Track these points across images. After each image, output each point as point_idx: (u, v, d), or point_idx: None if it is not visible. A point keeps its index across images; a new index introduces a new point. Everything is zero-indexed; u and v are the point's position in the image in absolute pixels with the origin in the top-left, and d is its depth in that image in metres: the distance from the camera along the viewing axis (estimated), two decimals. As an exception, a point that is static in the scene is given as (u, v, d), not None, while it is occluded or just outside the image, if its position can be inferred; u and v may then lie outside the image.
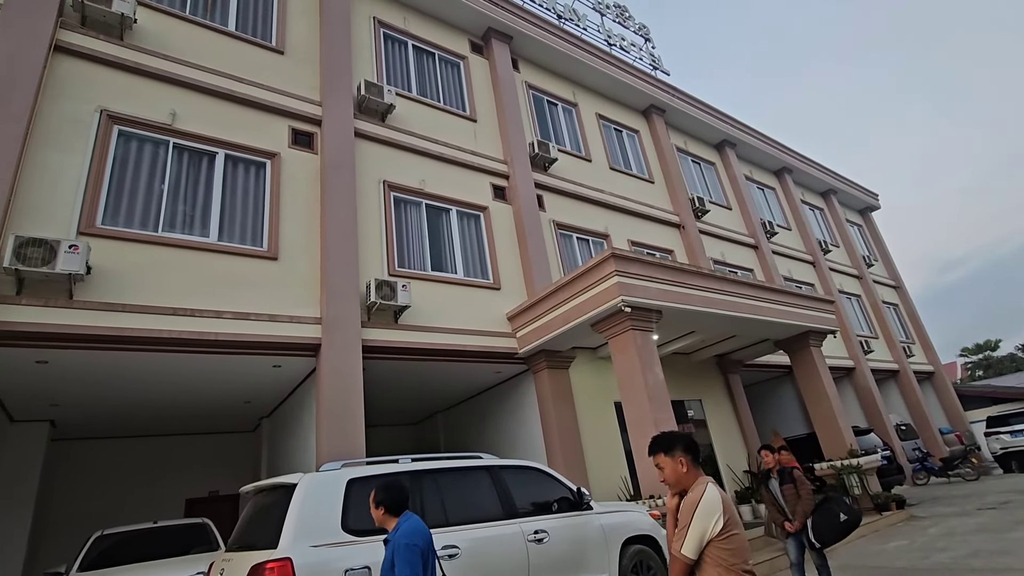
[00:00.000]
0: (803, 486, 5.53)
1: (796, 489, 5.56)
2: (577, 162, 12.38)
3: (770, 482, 5.89)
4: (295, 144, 8.20)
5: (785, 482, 5.67)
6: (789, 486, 5.62)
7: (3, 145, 5.72)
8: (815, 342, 11.26)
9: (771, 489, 5.83)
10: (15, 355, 5.78)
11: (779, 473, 5.79)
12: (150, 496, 9.79)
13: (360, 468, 4.57)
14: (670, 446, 2.57)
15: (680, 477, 2.51)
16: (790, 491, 5.59)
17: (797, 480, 5.60)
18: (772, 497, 5.81)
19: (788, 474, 5.67)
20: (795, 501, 5.52)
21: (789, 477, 5.65)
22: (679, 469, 2.51)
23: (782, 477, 5.72)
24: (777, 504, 5.75)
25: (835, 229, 21.02)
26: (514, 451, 9.46)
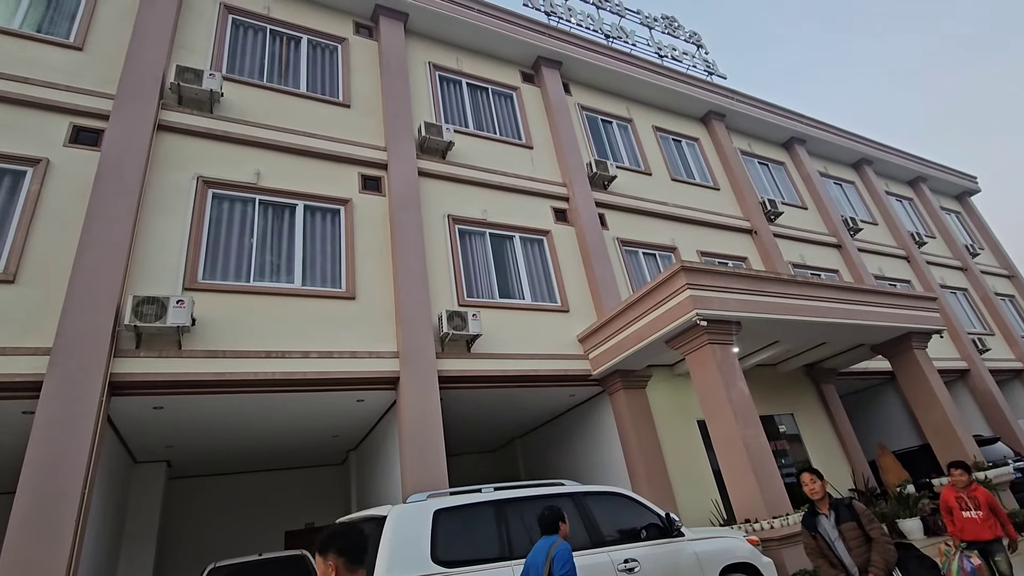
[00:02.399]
0: (872, 524, 3.94)
1: (862, 529, 3.91)
2: (637, 177, 12.23)
3: (819, 521, 4.20)
4: (365, 189, 8.70)
5: (844, 519, 4.01)
6: (851, 524, 3.95)
7: (120, 216, 6.49)
8: (918, 344, 10.29)
9: (821, 532, 4.15)
10: (136, 403, 6.43)
11: (832, 507, 4.16)
12: (253, 529, 10.41)
13: (445, 499, 4.65)
14: (321, 547, 2.10)
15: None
16: (852, 533, 3.92)
17: (861, 515, 3.97)
18: (823, 545, 4.12)
19: (847, 508, 4.08)
20: (863, 547, 3.87)
21: (849, 512, 4.03)
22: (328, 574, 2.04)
23: (838, 513, 4.10)
24: (831, 555, 4.04)
25: (928, 219, 19.29)
26: (595, 476, 9.26)
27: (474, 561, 4.27)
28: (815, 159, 17.10)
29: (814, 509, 4.27)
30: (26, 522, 4.91)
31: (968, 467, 5.49)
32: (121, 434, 7.39)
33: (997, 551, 5.02)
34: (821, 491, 4.24)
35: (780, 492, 6.86)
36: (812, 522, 4.24)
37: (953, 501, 5.37)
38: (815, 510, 4.25)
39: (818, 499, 4.24)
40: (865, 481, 10.53)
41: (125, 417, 6.84)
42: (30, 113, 6.87)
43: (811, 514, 4.28)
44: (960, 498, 5.33)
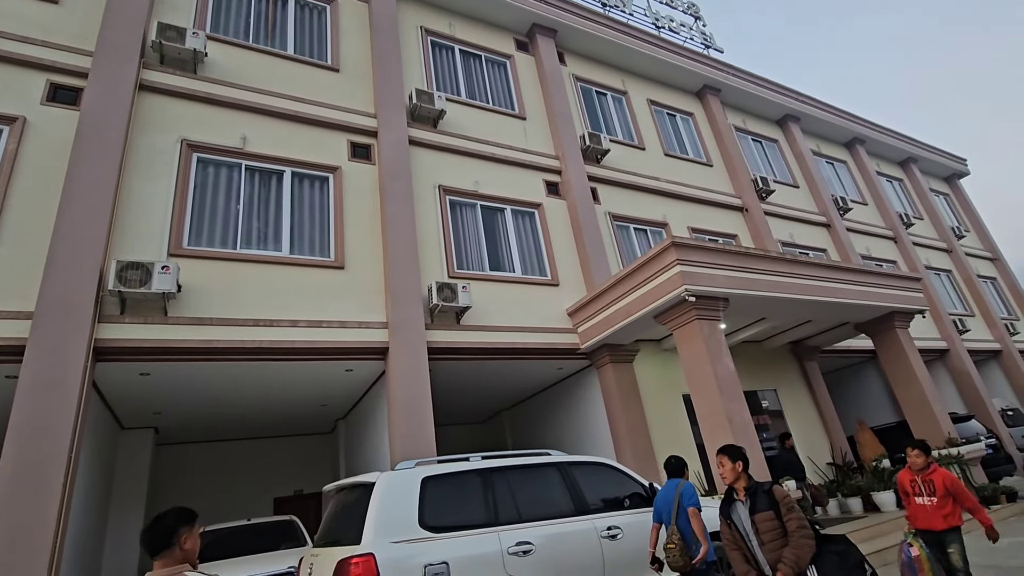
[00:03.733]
0: (791, 514, 3.33)
1: (779, 519, 3.35)
2: (630, 151, 12.12)
3: (734, 508, 3.65)
4: (354, 157, 8.54)
5: (759, 508, 3.43)
6: (767, 514, 3.38)
7: (102, 179, 6.32)
8: (901, 323, 10.47)
9: (735, 521, 3.61)
10: (123, 368, 6.38)
11: (749, 493, 3.57)
12: (242, 495, 10.51)
13: (433, 466, 4.71)
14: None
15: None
16: (768, 524, 3.37)
17: (781, 503, 3.39)
18: (737, 536, 3.58)
19: (765, 495, 3.46)
20: (779, 541, 3.31)
21: (767, 500, 3.43)
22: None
23: (754, 500, 3.50)
24: (745, 548, 3.52)
25: (917, 200, 19.42)
26: (581, 447, 9.42)
27: (461, 527, 4.35)
28: (808, 137, 17.04)
29: (730, 494, 3.72)
30: (13, 485, 4.91)
31: (927, 448, 4.89)
32: (107, 400, 7.35)
33: (951, 542, 4.45)
34: (732, 474, 3.64)
35: (761, 465, 7.03)
36: (727, 509, 3.69)
37: (908, 485, 4.86)
38: (731, 495, 3.71)
39: (732, 483, 3.66)
40: (843, 455, 10.83)
41: (111, 383, 6.79)
42: (5, 69, 6.61)
43: (727, 500, 3.72)
44: (915, 482, 4.79)
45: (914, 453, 4.83)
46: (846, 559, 3.18)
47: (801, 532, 3.23)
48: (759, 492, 3.50)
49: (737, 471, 3.65)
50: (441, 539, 4.17)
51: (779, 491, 3.45)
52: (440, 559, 4.03)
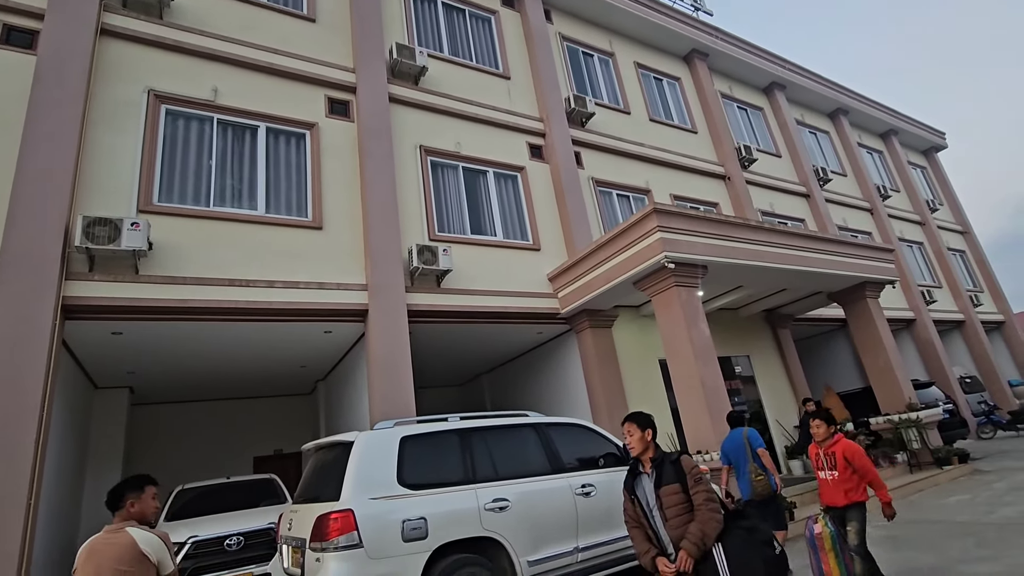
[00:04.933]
0: (699, 486, 2.98)
1: (687, 493, 3.00)
2: (615, 115, 11.96)
3: (639, 481, 3.25)
4: (332, 113, 8.26)
5: (665, 480, 3.06)
6: (672, 487, 3.02)
7: (64, 129, 6.02)
8: (872, 293, 10.76)
9: (639, 496, 3.21)
10: (93, 327, 6.24)
11: (655, 465, 3.17)
12: (222, 454, 10.56)
13: (412, 426, 4.76)
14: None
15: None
16: (674, 499, 3.01)
17: (689, 474, 3.03)
18: (639, 512, 3.19)
19: (672, 466, 3.09)
20: (684, 517, 2.97)
21: (673, 471, 3.06)
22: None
23: (660, 472, 3.12)
24: (647, 525, 3.15)
25: (895, 173, 19.69)
26: (559, 410, 9.62)
27: (439, 484, 4.44)
28: (793, 106, 17.00)
29: (636, 464, 3.29)
30: (-18, 443, 4.83)
31: (830, 418, 4.39)
32: (78, 359, 7.22)
33: (850, 518, 4.15)
34: (639, 444, 3.22)
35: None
36: (631, 482, 3.27)
37: (813, 458, 4.48)
38: (638, 467, 3.28)
39: (639, 454, 3.24)
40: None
41: (82, 342, 6.66)
42: (-49, 7, 6.16)
43: (632, 472, 3.29)
44: (818, 455, 4.40)
45: (815, 423, 4.40)
46: (754, 535, 2.92)
47: (708, 506, 2.93)
48: (666, 463, 3.12)
49: (646, 440, 3.23)
50: (419, 496, 4.26)
51: (687, 461, 3.10)
52: (418, 515, 4.13)
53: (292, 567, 4.34)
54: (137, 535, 2.64)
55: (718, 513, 2.93)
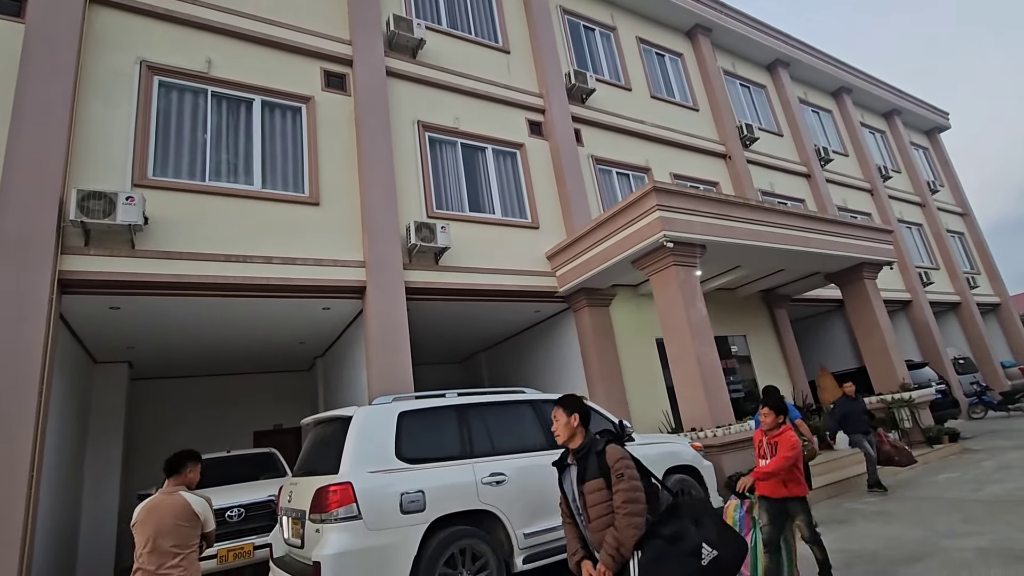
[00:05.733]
0: (621, 482, 2.52)
1: (611, 490, 2.56)
2: (616, 92, 11.80)
3: (566, 474, 2.85)
4: (328, 87, 8.13)
5: (589, 475, 2.63)
6: (596, 483, 2.59)
7: (55, 100, 5.92)
8: (869, 274, 10.78)
9: (565, 491, 2.85)
10: (90, 302, 6.22)
11: (579, 455, 2.72)
12: (222, 429, 10.65)
13: (410, 402, 4.80)
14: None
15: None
16: (597, 496, 2.58)
17: (612, 468, 2.56)
18: (569, 508, 2.82)
19: (597, 457, 2.63)
20: (607, 518, 2.55)
21: (597, 464, 2.61)
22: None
23: (583, 465, 2.68)
24: (575, 520, 2.79)
25: (897, 153, 19.54)
26: (556, 387, 9.69)
27: (437, 459, 4.50)
28: (797, 84, 16.77)
29: (565, 457, 2.88)
30: (-18, 415, 4.86)
31: (779, 406, 4.18)
32: (77, 333, 7.22)
33: (796, 512, 4.01)
34: (565, 431, 2.79)
35: (725, 405, 7.36)
36: (560, 475, 2.90)
37: (756, 445, 4.33)
38: (566, 458, 2.87)
39: (566, 442, 2.80)
40: (804, 398, 11.38)
41: (80, 316, 6.64)
42: (-64, -28, 5.99)
43: (560, 463, 2.90)
44: (762, 443, 4.23)
45: (764, 411, 4.19)
46: (677, 544, 2.40)
47: (626, 509, 2.45)
48: (590, 454, 2.64)
49: (571, 427, 2.77)
50: (417, 470, 4.31)
51: (612, 452, 2.59)
52: (416, 488, 4.19)
53: (292, 538, 4.42)
54: (189, 497, 3.29)
55: (637, 517, 2.44)
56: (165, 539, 3.14)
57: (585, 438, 2.77)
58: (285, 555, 4.64)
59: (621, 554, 2.45)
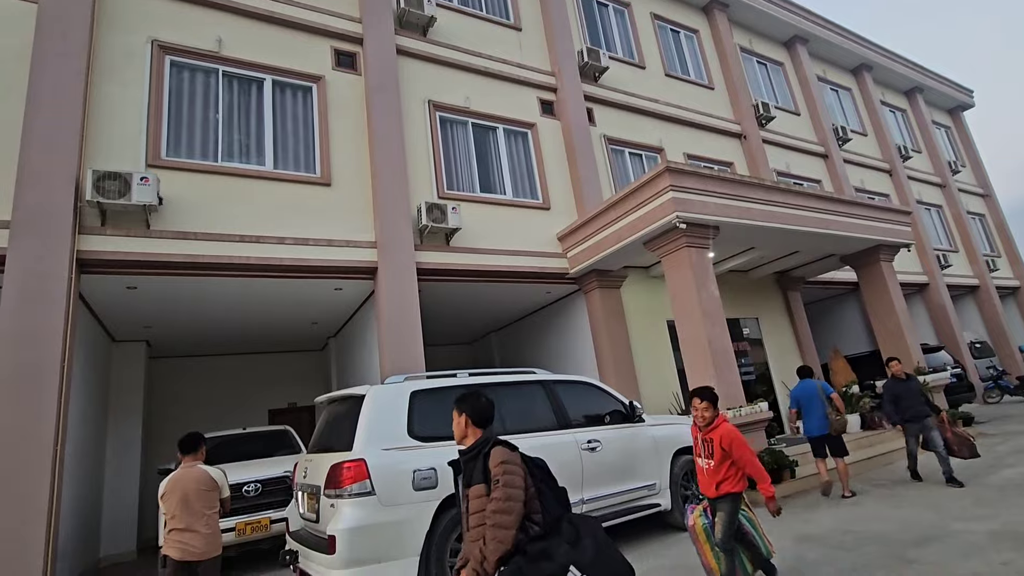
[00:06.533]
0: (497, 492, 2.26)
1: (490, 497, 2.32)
2: (630, 70, 11.58)
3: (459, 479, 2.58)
4: (339, 66, 8.07)
5: (472, 480, 2.39)
6: (478, 488, 2.34)
7: (69, 81, 5.94)
8: (886, 256, 10.61)
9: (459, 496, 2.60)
10: (108, 282, 6.32)
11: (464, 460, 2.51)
12: (237, 407, 10.86)
13: (422, 381, 4.85)
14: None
15: None
16: (478, 501, 2.33)
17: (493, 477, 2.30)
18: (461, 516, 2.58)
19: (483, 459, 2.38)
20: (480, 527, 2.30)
21: (483, 466, 2.36)
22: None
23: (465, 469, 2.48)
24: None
25: (918, 133, 19.05)
26: (566, 368, 9.73)
27: (449, 437, 4.53)
28: (815, 61, 16.34)
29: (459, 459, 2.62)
30: (7, 393, 4.99)
31: (710, 396, 3.80)
32: (96, 312, 7.35)
33: (720, 509, 3.69)
34: (459, 431, 2.58)
35: (736, 386, 7.35)
36: (455, 478, 2.64)
37: (696, 444, 3.94)
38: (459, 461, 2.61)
39: (460, 442, 2.60)
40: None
41: (98, 296, 6.76)
42: (-52, -49, 5.99)
43: (456, 465, 2.62)
44: (696, 440, 3.90)
45: (702, 406, 3.80)
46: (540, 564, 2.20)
47: (493, 520, 2.20)
48: (478, 457, 2.41)
49: (461, 427, 2.57)
50: (429, 447, 4.38)
51: (495, 456, 2.34)
52: (428, 465, 4.26)
53: (308, 512, 4.52)
54: (207, 469, 3.92)
55: (504, 531, 2.17)
56: (192, 502, 3.74)
57: (478, 439, 2.50)
58: (301, 529, 4.76)
59: (484, 569, 2.19)
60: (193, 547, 3.68)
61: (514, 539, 2.19)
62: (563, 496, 2.45)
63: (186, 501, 3.73)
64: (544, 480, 2.42)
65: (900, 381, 7.04)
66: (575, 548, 2.24)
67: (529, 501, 2.31)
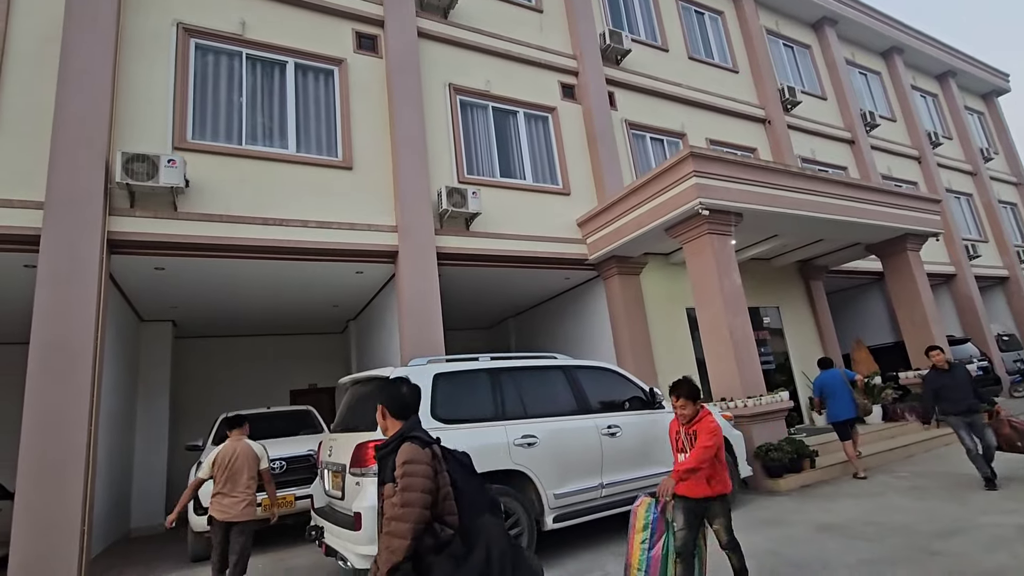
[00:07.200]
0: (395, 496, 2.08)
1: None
2: (652, 53, 11.37)
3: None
4: (360, 48, 8.05)
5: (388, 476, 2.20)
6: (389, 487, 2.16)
7: (98, 63, 6.02)
8: (913, 246, 10.38)
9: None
10: (137, 262, 6.46)
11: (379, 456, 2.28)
12: (260, 387, 11.09)
13: (444, 364, 4.89)
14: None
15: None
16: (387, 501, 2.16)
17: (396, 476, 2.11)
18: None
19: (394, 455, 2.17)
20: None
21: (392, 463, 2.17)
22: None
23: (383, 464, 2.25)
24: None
25: (949, 119, 18.45)
26: (582, 355, 9.71)
27: (470, 420, 4.61)
28: (844, 44, 15.86)
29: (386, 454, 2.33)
30: (44, 369, 5.16)
31: (687, 392, 3.54)
32: (125, 293, 7.53)
33: (715, 515, 3.45)
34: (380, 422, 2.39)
35: (757, 375, 7.30)
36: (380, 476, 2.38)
37: (672, 438, 3.72)
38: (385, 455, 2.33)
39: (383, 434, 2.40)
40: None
41: (127, 276, 6.92)
42: (-21, -66, 6.06)
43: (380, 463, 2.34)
44: (678, 434, 3.64)
45: (679, 404, 3.56)
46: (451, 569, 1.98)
47: (388, 527, 2.02)
48: (393, 452, 2.19)
49: (382, 421, 2.38)
50: (451, 429, 4.43)
51: (401, 453, 2.12)
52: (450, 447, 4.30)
53: (333, 490, 4.62)
54: (251, 443, 4.50)
55: (397, 539, 1.97)
56: (239, 471, 4.29)
57: (396, 432, 2.26)
58: (326, 505, 4.87)
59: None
60: (231, 509, 4.20)
61: (408, 548, 1.95)
62: (484, 497, 2.23)
63: (231, 469, 4.27)
64: (465, 479, 2.19)
65: (943, 372, 6.25)
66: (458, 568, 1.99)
67: (442, 502, 2.09)
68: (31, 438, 5.00)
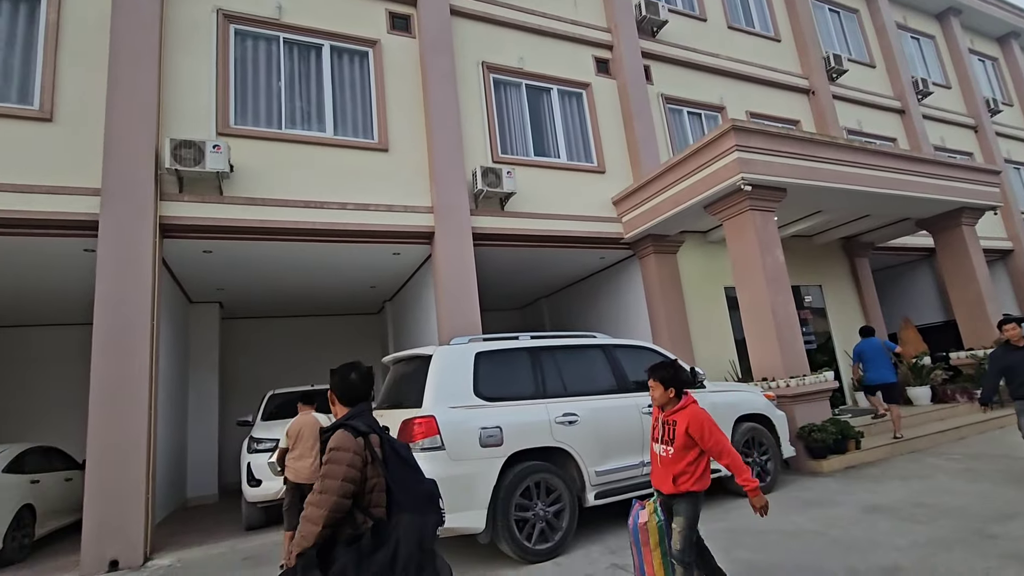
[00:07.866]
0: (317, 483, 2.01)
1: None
2: (690, 23, 10.98)
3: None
4: (393, 29, 8.03)
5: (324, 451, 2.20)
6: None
7: (144, 53, 6.19)
8: (969, 220, 9.88)
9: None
10: (187, 245, 6.70)
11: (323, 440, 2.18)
12: (301, 365, 11.45)
13: (484, 343, 4.95)
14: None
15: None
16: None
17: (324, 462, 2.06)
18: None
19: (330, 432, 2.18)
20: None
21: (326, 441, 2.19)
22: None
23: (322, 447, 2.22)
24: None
25: (1010, 84, 17.29)
26: (619, 335, 9.67)
27: (512, 397, 4.67)
28: (895, 7, 14.97)
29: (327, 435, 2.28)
30: (106, 350, 5.44)
31: (662, 375, 3.20)
32: (175, 275, 7.84)
33: (677, 513, 3.05)
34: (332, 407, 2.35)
35: (800, 355, 7.13)
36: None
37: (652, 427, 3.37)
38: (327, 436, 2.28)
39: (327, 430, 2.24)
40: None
41: (177, 259, 7.19)
42: (30, -72, 6.25)
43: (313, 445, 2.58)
44: (655, 422, 3.32)
45: (652, 383, 3.25)
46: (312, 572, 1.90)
47: (305, 512, 1.98)
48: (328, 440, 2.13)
49: (332, 403, 2.35)
50: (494, 407, 4.50)
51: (332, 440, 2.08)
52: (494, 424, 4.39)
53: (379, 464, 4.77)
54: (318, 415, 5.17)
55: (311, 526, 1.92)
56: (307, 438, 4.86)
57: (340, 419, 2.21)
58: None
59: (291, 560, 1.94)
60: (302, 472, 4.76)
61: (319, 536, 1.91)
62: (419, 491, 2.12)
63: (302, 437, 4.86)
64: (401, 473, 2.11)
65: (1015, 350, 5.25)
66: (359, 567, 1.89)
67: (369, 493, 2.04)
68: (98, 414, 5.31)
